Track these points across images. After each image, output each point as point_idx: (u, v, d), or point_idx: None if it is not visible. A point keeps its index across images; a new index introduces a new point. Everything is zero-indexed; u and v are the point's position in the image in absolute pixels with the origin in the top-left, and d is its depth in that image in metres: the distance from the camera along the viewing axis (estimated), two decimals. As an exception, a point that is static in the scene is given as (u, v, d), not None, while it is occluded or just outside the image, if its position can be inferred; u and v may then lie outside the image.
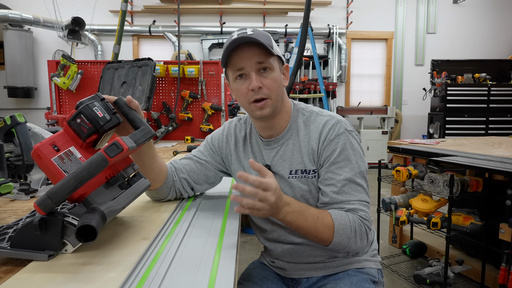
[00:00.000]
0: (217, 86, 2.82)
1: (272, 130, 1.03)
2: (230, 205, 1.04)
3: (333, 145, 0.97)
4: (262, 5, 5.94)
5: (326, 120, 1.00)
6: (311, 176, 1.00)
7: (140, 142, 0.74)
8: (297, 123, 1.03)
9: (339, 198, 0.95)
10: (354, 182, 0.96)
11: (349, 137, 0.98)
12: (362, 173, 0.98)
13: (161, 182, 1.02)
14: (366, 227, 0.95)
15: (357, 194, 0.96)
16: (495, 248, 2.07)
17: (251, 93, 0.94)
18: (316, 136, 0.99)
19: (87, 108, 0.70)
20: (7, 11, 5.24)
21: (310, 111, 1.04)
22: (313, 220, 0.90)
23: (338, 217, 0.92)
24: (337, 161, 0.96)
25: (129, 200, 0.74)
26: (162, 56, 5.95)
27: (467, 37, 6.26)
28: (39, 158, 0.68)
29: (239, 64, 0.94)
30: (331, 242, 0.92)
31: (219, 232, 0.81)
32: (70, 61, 2.70)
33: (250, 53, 0.93)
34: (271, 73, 0.95)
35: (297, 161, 1.00)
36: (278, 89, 0.96)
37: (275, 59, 0.97)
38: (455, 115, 4.76)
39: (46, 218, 0.64)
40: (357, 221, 0.93)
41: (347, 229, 0.91)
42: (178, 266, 0.63)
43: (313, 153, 0.99)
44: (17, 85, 5.57)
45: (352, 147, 0.98)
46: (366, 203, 0.97)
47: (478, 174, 2.16)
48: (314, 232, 0.90)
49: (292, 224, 0.89)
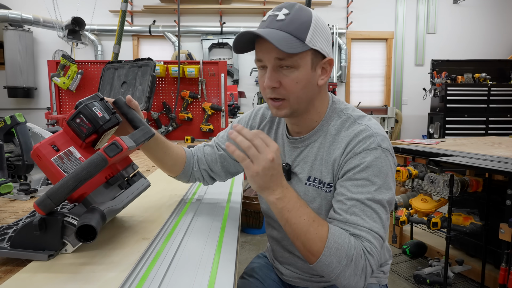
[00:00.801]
0: (217, 86, 2.82)
1: (299, 127, 0.91)
2: (230, 206, 1.04)
3: (357, 160, 0.80)
4: (262, 5, 5.94)
5: (360, 129, 0.83)
6: (325, 190, 0.86)
7: (139, 141, 0.74)
8: (328, 126, 0.88)
9: (345, 217, 0.78)
10: (369, 206, 0.77)
11: (381, 156, 0.80)
12: (382, 203, 0.78)
13: (178, 172, 1.02)
14: (368, 264, 0.74)
15: (368, 220, 0.77)
16: (495, 248, 2.07)
17: (268, 89, 0.83)
18: (343, 145, 0.83)
19: (86, 108, 0.70)
20: (7, 11, 5.24)
21: (347, 116, 0.88)
22: (307, 220, 0.75)
23: (336, 233, 0.75)
24: (356, 178, 0.80)
25: (129, 199, 0.74)
26: (162, 56, 5.95)
27: (467, 37, 6.26)
28: (39, 158, 0.68)
29: (258, 55, 0.82)
30: (318, 258, 0.73)
31: (219, 232, 0.81)
32: (70, 61, 2.70)
33: (270, 46, 0.77)
34: (294, 71, 0.79)
35: (318, 169, 0.88)
36: (300, 91, 0.81)
37: (307, 54, 0.79)
38: (455, 115, 4.76)
39: (46, 218, 0.64)
40: (359, 250, 0.74)
41: (341, 252, 0.73)
42: (178, 266, 0.63)
43: (333, 163, 0.84)
44: (17, 85, 5.57)
45: (381, 169, 0.79)
46: (379, 236, 0.76)
47: (478, 174, 2.16)
48: (303, 236, 0.74)
49: (283, 215, 0.75)
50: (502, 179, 2.09)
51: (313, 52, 0.81)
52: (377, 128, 0.84)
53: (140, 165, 1.65)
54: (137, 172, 0.81)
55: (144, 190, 0.80)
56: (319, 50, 0.81)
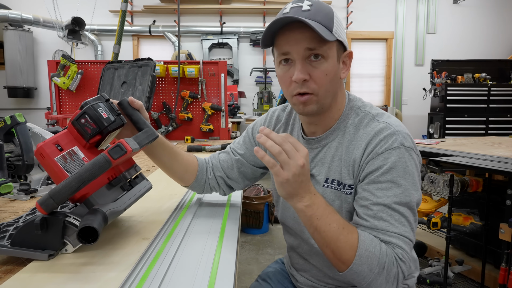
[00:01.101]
0: (217, 86, 2.82)
1: (316, 127, 0.88)
2: (230, 206, 1.04)
3: (380, 160, 0.77)
4: (262, 5, 5.94)
5: (380, 127, 0.79)
6: (346, 192, 0.82)
7: (143, 144, 0.74)
8: (346, 124, 0.85)
9: (372, 223, 0.74)
10: (396, 210, 0.74)
11: (404, 155, 0.76)
12: (410, 205, 0.75)
13: (190, 181, 0.97)
14: (400, 271, 0.72)
15: (398, 225, 0.74)
16: (495, 248, 2.07)
17: (295, 85, 0.78)
18: (363, 145, 0.80)
19: (91, 109, 0.70)
20: (7, 11, 5.24)
21: (366, 112, 0.84)
22: (337, 228, 0.71)
23: (367, 240, 0.71)
24: (380, 180, 0.76)
25: (131, 201, 0.74)
26: (162, 56, 5.95)
27: (467, 37, 6.26)
28: (42, 157, 0.68)
29: (285, 48, 0.77)
30: (349, 267, 0.71)
31: (219, 232, 0.81)
32: (70, 61, 2.70)
33: (299, 36, 0.75)
34: (324, 63, 0.77)
35: (336, 170, 0.84)
36: (328, 84, 0.79)
37: (334, 45, 0.78)
38: (455, 115, 4.76)
39: (47, 218, 0.64)
40: (391, 257, 0.71)
41: (373, 260, 0.70)
42: (178, 266, 0.63)
43: (354, 164, 0.81)
44: (17, 85, 5.57)
45: (406, 169, 0.76)
46: (409, 240, 0.74)
47: (478, 174, 2.16)
48: (333, 245, 0.71)
49: (312, 223, 0.71)
50: (502, 179, 2.09)
51: (338, 44, 0.80)
52: (398, 126, 0.80)
53: (140, 165, 1.66)
54: (139, 174, 0.81)
55: (146, 192, 0.80)
56: (343, 41, 0.80)
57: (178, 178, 0.97)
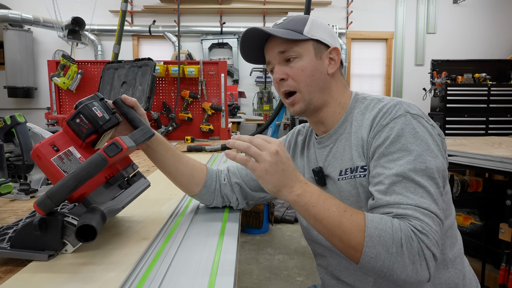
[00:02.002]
0: (217, 86, 2.82)
1: (323, 125, 0.89)
2: (230, 207, 1.04)
3: (386, 132, 0.73)
4: (262, 5, 5.94)
5: (384, 103, 0.78)
6: (359, 175, 0.78)
7: (139, 141, 0.74)
8: (352, 115, 0.85)
9: (385, 199, 0.68)
10: (411, 179, 0.67)
11: (411, 121, 0.72)
12: (428, 172, 0.68)
13: (198, 186, 0.92)
14: (423, 245, 0.62)
15: (413, 196, 0.66)
16: (495, 248, 2.07)
17: (278, 86, 0.87)
18: (369, 123, 0.78)
19: (86, 108, 0.70)
20: (7, 11, 5.24)
21: (371, 99, 0.84)
22: (337, 211, 0.66)
23: (374, 218, 0.65)
24: (390, 151, 0.71)
25: (129, 199, 0.74)
26: (162, 56, 5.95)
27: (467, 37, 6.26)
28: (39, 158, 0.68)
29: (266, 58, 0.88)
30: (361, 252, 0.63)
31: (219, 232, 0.81)
32: (70, 61, 2.70)
33: (272, 44, 0.85)
34: (298, 61, 0.83)
35: (347, 158, 0.81)
36: (308, 79, 0.83)
37: (308, 44, 0.83)
38: (455, 115, 4.76)
39: (46, 218, 0.64)
40: (406, 230, 0.62)
41: (386, 237, 0.62)
42: (178, 266, 0.63)
43: (362, 143, 0.78)
44: (17, 85, 5.57)
45: (415, 134, 0.71)
46: (430, 212, 0.65)
47: (478, 174, 2.16)
48: (338, 230, 0.65)
49: (309, 212, 0.68)
50: (502, 179, 2.09)
51: (314, 42, 0.84)
52: (403, 99, 0.78)
53: (140, 165, 1.65)
54: (137, 172, 0.81)
55: (144, 190, 0.80)
56: (319, 39, 0.84)
57: (184, 183, 0.91)
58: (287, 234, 3.40)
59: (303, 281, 2.54)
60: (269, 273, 2.64)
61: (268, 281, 2.52)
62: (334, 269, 0.90)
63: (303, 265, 2.78)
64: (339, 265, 0.89)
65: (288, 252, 3.01)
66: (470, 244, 2.35)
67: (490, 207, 2.03)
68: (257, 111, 5.41)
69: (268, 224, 3.45)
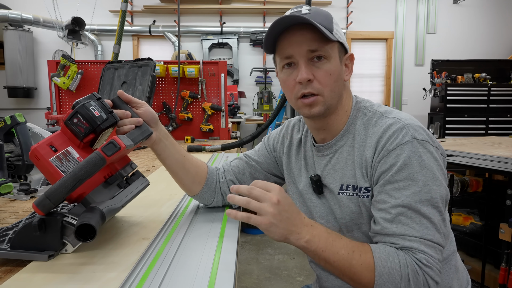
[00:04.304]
0: (217, 86, 2.82)
1: (325, 132, 0.86)
2: (229, 206, 1.04)
3: (392, 158, 0.72)
4: (262, 5, 5.94)
5: (389, 123, 0.76)
6: (362, 195, 0.78)
7: (137, 140, 0.74)
8: (355, 126, 0.83)
9: (391, 229, 0.70)
10: (417, 211, 0.69)
11: (418, 149, 0.72)
12: (432, 202, 0.70)
13: (201, 185, 0.92)
14: (428, 277, 0.67)
15: (419, 228, 0.68)
16: (495, 248, 2.07)
17: (299, 86, 0.78)
18: (373, 143, 0.77)
19: (83, 108, 0.70)
20: (7, 11, 5.24)
21: (373, 112, 0.82)
22: (346, 254, 0.68)
23: (382, 255, 0.68)
24: (395, 179, 0.71)
25: (128, 198, 0.74)
26: (162, 56, 5.94)
27: (467, 37, 6.26)
28: (37, 159, 0.68)
29: (287, 51, 0.78)
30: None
31: (219, 232, 0.81)
32: (70, 61, 2.70)
33: (301, 38, 0.76)
34: (326, 63, 0.77)
35: (350, 174, 0.80)
36: (333, 84, 0.79)
37: (335, 46, 0.79)
38: (455, 115, 4.76)
39: (45, 219, 0.64)
40: (412, 266, 0.66)
41: (394, 274, 0.66)
42: (178, 266, 0.63)
43: (366, 165, 0.77)
44: (17, 85, 5.57)
45: (421, 163, 0.71)
46: (434, 244, 0.68)
47: (478, 174, 2.16)
48: (348, 271, 0.68)
49: (319, 256, 0.69)
50: (502, 179, 2.09)
51: (339, 45, 0.80)
52: (408, 119, 0.76)
53: (140, 165, 1.65)
54: (136, 171, 0.81)
55: (143, 189, 0.80)
56: (343, 43, 0.81)
57: (189, 181, 0.91)
58: (287, 234, 3.40)
59: (303, 281, 2.54)
60: (269, 273, 2.64)
61: (268, 281, 2.52)
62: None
63: (303, 265, 2.78)
64: None
65: (288, 252, 3.01)
66: (470, 244, 2.35)
67: (490, 207, 2.03)
68: (257, 111, 5.41)
69: (268, 224, 3.45)
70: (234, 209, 0.83)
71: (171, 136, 0.89)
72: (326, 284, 0.94)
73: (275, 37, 0.79)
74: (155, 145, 0.84)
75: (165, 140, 0.85)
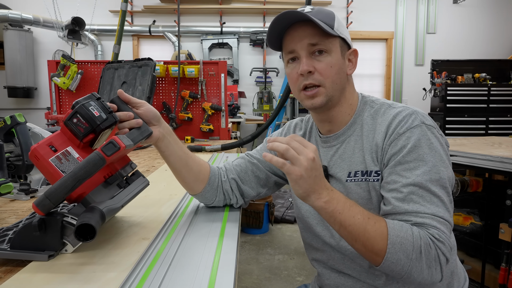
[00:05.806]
0: (217, 86, 2.82)
1: (330, 124, 0.89)
2: (230, 206, 1.04)
3: (403, 140, 0.76)
4: (262, 5, 5.94)
5: (398, 111, 0.80)
6: (373, 179, 0.80)
7: (137, 140, 0.74)
8: (362, 117, 0.86)
9: (403, 207, 0.72)
10: (427, 189, 0.72)
11: (426, 133, 0.76)
12: (441, 182, 0.73)
13: (203, 183, 0.92)
14: (440, 252, 0.69)
15: (430, 205, 0.71)
16: (495, 248, 2.07)
17: (301, 78, 0.83)
18: (383, 129, 0.80)
19: (83, 108, 0.70)
20: (7, 11, 5.24)
21: (381, 103, 0.86)
22: (362, 219, 0.70)
23: (396, 226, 0.70)
24: (406, 160, 0.74)
25: (128, 198, 0.74)
26: (162, 56, 5.94)
27: (467, 37, 6.26)
28: (37, 159, 0.68)
29: (290, 46, 0.84)
30: (383, 257, 0.69)
31: (219, 232, 0.81)
32: (70, 61, 2.70)
33: (302, 33, 0.81)
34: (327, 56, 0.82)
35: (358, 161, 0.83)
36: (334, 76, 0.83)
37: (336, 41, 0.83)
38: (455, 115, 4.76)
39: (45, 219, 0.64)
40: (425, 239, 0.68)
41: (407, 244, 0.68)
42: (178, 266, 0.63)
43: (377, 149, 0.80)
44: (17, 85, 5.57)
45: (430, 145, 0.75)
46: (445, 221, 0.71)
47: (478, 174, 2.16)
48: (362, 237, 0.69)
49: (335, 218, 0.71)
50: (502, 179, 2.09)
51: (341, 41, 0.85)
52: (415, 108, 0.81)
53: (140, 165, 1.65)
54: (135, 171, 0.81)
55: (143, 189, 0.80)
56: (345, 38, 0.85)
57: (192, 179, 0.91)
58: (287, 234, 3.40)
59: (303, 281, 2.54)
60: (269, 273, 2.64)
61: (268, 281, 2.52)
62: (336, 263, 0.91)
63: (303, 265, 2.78)
64: (343, 259, 0.90)
65: (288, 252, 3.01)
66: (470, 244, 2.35)
67: (490, 207, 2.03)
68: (257, 111, 5.41)
69: (268, 224, 3.45)
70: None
71: (175, 134, 0.89)
72: (327, 281, 0.94)
73: (279, 34, 0.85)
74: (159, 142, 0.84)
75: (168, 137, 0.85)
